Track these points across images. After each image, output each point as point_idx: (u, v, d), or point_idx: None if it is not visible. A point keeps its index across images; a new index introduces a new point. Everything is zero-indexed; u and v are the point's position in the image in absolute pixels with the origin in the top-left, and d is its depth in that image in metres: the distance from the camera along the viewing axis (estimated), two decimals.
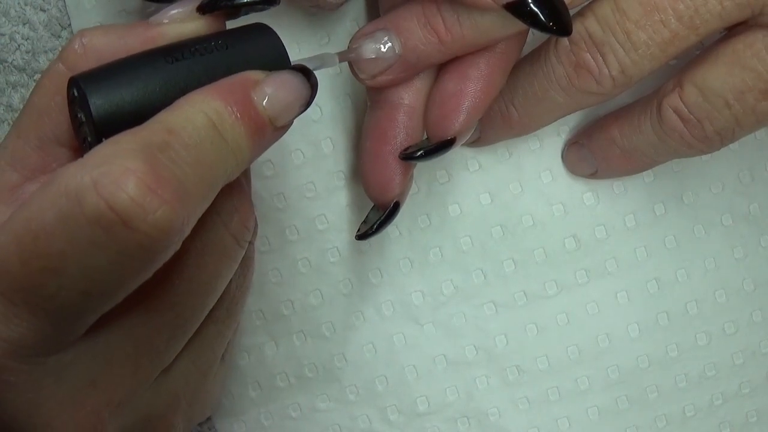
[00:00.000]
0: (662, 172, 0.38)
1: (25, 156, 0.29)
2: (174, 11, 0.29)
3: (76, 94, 0.27)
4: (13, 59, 0.37)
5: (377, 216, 0.33)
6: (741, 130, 0.31)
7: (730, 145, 0.37)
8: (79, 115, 0.27)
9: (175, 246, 0.25)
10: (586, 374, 0.39)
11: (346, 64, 0.32)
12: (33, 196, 0.24)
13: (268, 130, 0.27)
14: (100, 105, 0.26)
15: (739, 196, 0.39)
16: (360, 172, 0.34)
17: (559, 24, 0.29)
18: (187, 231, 0.25)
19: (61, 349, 0.26)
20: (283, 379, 0.39)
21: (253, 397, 0.39)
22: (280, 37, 0.29)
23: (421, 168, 0.38)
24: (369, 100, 0.34)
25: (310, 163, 0.38)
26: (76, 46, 0.28)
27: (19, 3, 0.37)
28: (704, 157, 0.38)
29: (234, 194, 0.30)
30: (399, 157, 0.32)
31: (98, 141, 0.26)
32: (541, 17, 0.28)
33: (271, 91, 0.27)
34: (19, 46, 0.37)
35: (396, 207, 0.33)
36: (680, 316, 0.39)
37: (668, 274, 0.39)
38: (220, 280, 0.30)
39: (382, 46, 0.31)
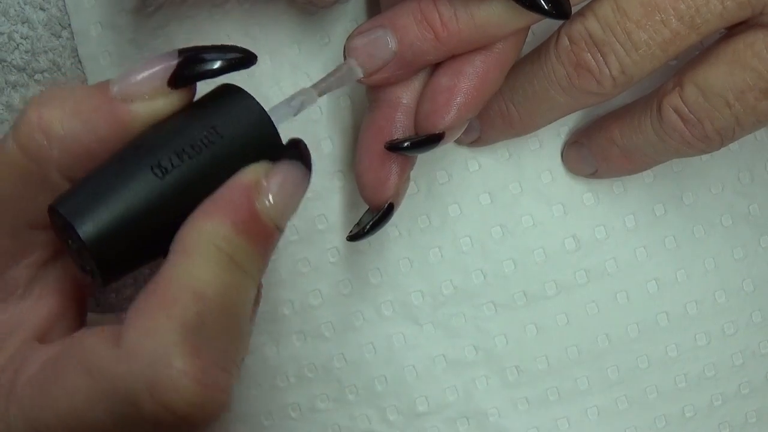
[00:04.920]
0: (662, 173, 0.38)
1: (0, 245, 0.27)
2: (138, 82, 0.26)
3: (60, 223, 0.25)
4: (13, 59, 0.37)
5: (371, 217, 0.33)
6: (741, 129, 0.31)
7: (730, 146, 0.37)
8: (70, 243, 0.26)
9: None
10: (585, 374, 0.39)
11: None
12: (72, 381, 0.24)
13: (277, 236, 0.27)
14: (93, 239, 0.25)
15: (739, 196, 0.39)
16: (355, 172, 0.34)
17: (557, 7, 0.29)
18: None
19: None
20: (282, 379, 0.39)
21: (252, 396, 0.39)
22: (252, 96, 0.27)
23: (421, 168, 0.38)
24: (368, 99, 0.34)
25: None
26: (35, 132, 0.26)
27: (18, 2, 0.37)
28: (704, 157, 0.38)
29: None
30: (385, 146, 0.32)
31: (101, 270, 0.25)
32: (539, 0, 0.28)
33: (274, 191, 0.26)
34: (18, 45, 0.37)
35: (390, 209, 0.33)
36: (680, 317, 0.39)
37: (668, 275, 0.39)
38: None
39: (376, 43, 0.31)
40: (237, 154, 0.26)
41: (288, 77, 0.37)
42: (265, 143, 0.27)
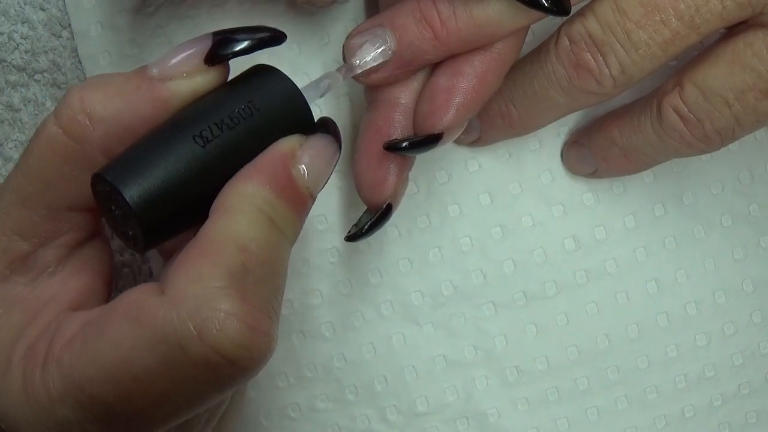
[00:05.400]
0: (662, 173, 0.38)
1: (34, 225, 0.28)
2: (176, 62, 0.27)
3: (106, 189, 0.26)
4: (13, 59, 0.37)
5: (369, 218, 0.33)
6: (741, 129, 0.31)
7: (730, 146, 0.37)
8: (115, 211, 0.27)
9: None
10: (585, 375, 0.39)
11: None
12: (116, 332, 0.25)
13: (310, 203, 0.28)
14: (139, 203, 0.26)
15: (739, 196, 0.39)
16: (353, 172, 0.34)
17: (557, 4, 0.29)
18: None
19: None
20: (282, 379, 0.39)
21: (252, 397, 0.39)
22: (286, 74, 0.29)
23: (421, 168, 0.38)
24: (367, 99, 0.34)
25: None
26: (77, 114, 0.27)
27: (18, 2, 0.37)
28: (704, 157, 0.38)
29: None
30: (383, 146, 0.32)
31: (144, 235, 0.26)
32: None
33: (307, 161, 0.28)
34: (18, 45, 0.37)
35: (388, 209, 0.33)
36: (680, 317, 0.39)
37: (668, 275, 0.39)
38: None
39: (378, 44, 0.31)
40: (272, 127, 0.28)
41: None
42: (298, 118, 0.28)
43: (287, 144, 0.28)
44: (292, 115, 0.28)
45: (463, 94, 0.31)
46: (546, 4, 0.29)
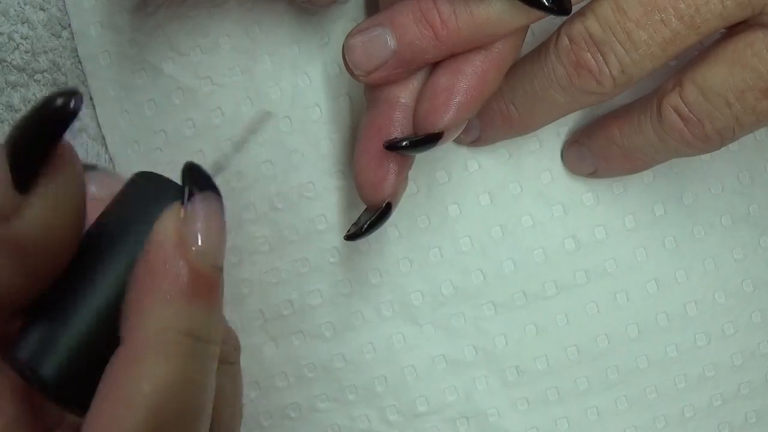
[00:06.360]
0: (662, 173, 0.38)
1: None
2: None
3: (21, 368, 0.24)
4: (13, 59, 0.37)
5: (368, 217, 0.33)
6: (741, 129, 0.31)
7: (730, 146, 0.37)
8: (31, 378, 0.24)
9: None
10: (585, 375, 0.39)
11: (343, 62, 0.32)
12: None
13: (220, 280, 0.24)
14: (62, 386, 0.23)
15: (739, 197, 0.39)
16: (353, 171, 0.34)
17: (557, 3, 0.29)
18: None
19: None
20: (282, 379, 0.39)
21: (252, 397, 0.39)
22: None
23: (421, 168, 0.38)
24: (366, 99, 0.34)
25: (309, 163, 0.38)
26: None
27: (18, 2, 0.37)
28: (704, 157, 0.38)
29: None
30: (383, 145, 0.32)
31: (67, 405, 0.24)
32: None
33: (199, 233, 0.24)
34: (18, 45, 0.37)
35: (388, 208, 0.33)
36: (679, 317, 0.39)
37: (668, 275, 0.39)
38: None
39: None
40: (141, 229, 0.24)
41: (288, 77, 0.37)
42: (156, 198, 0.24)
43: (167, 228, 0.23)
44: (151, 203, 0.24)
45: (464, 94, 0.31)
46: (546, 4, 0.29)
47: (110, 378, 0.23)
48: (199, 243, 0.23)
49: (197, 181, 0.24)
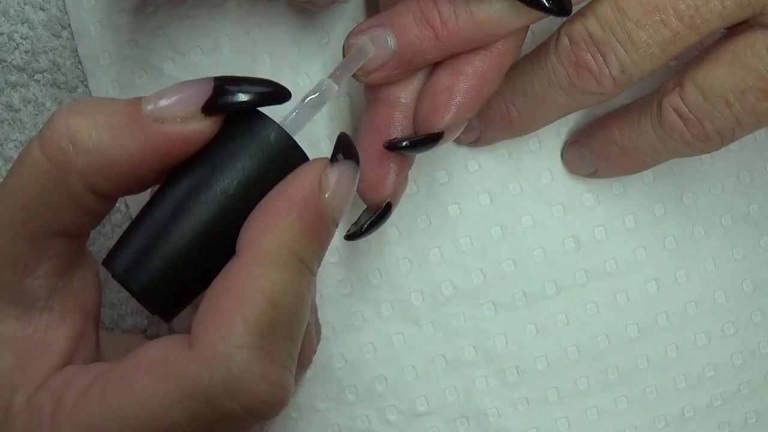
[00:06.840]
0: (662, 173, 0.38)
1: (17, 252, 0.27)
2: (172, 104, 0.26)
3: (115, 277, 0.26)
4: (13, 58, 0.37)
5: (368, 217, 0.33)
6: (741, 129, 0.31)
7: (730, 146, 0.37)
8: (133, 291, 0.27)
9: None
10: (585, 375, 0.39)
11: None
12: (143, 388, 0.25)
13: (334, 231, 0.28)
14: (149, 294, 0.26)
15: (739, 197, 0.39)
16: None
17: (558, 3, 0.29)
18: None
19: None
20: None
21: None
22: (272, 120, 0.27)
23: (421, 168, 0.38)
24: (367, 99, 0.34)
25: None
26: (61, 141, 0.26)
27: (18, 2, 0.37)
28: (704, 157, 0.38)
29: None
30: (384, 145, 0.32)
31: (163, 315, 0.27)
32: None
33: (333, 189, 0.27)
34: (18, 45, 0.37)
35: (388, 208, 0.33)
36: (679, 317, 0.39)
37: (668, 275, 0.39)
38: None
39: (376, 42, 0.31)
40: (268, 174, 0.27)
41: (288, 77, 0.37)
42: (292, 161, 0.28)
43: (313, 173, 0.27)
44: (284, 160, 0.27)
45: (464, 94, 0.31)
46: (546, 4, 0.29)
47: (227, 279, 0.26)
48: (331, 196, 0.27)
49: (347, 149, 0.28)
